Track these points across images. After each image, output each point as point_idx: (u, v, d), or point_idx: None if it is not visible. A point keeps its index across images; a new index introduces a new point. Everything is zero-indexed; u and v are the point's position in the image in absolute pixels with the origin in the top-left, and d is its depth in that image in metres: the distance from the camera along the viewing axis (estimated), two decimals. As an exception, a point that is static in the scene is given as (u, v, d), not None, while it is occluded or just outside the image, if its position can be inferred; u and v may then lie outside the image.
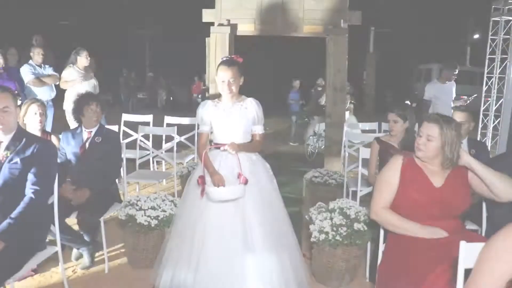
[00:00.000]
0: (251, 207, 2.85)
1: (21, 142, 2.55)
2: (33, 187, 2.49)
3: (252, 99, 3.03)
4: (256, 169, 2.95)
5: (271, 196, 2.98)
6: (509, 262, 1.39)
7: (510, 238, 1.42)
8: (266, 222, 2.86)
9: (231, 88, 2.91)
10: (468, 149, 3.49)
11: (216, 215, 2.85)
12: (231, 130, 2.95)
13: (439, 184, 2.37)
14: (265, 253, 2.80)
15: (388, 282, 2.33)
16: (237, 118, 2.95)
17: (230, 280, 2.76)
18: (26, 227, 2.44)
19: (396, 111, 3.45)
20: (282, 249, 2.88)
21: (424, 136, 2.39)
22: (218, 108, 3.00)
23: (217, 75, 2.96)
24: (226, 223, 2.83)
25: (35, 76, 6.10)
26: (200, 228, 2.86)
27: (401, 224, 2.37)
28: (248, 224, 2.82)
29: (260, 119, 3.02)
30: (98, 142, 3.58)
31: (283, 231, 2.96)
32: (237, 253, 2.78)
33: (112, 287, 3.22)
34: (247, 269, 2.78)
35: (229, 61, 2.96)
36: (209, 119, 3.03)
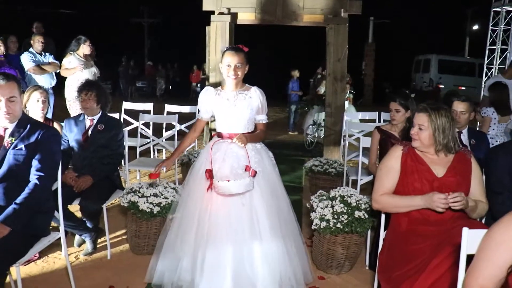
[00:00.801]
0: (258, 197, 2.85)
1: (26, 128, 2.56)
2: (38, 173, 2.50)
3: (256, 88, 3.01)
4: (261, 158, 2.95)
5: (275, 185, 2.99)
6: (509, 251, 1.43)
7: (510, 228, 1.45)
8: (273, 212, 2.87)
9: (237, 72, 2.89)
10: (468, 138, 3.51)
11: (222, 205, 2.84)
12: (235, 120, 2.93)
13: (441, 173, 2.39)
14: (272, 242, 2.81)
15: (389, 269, 2.36)
16: (241, 108, 2.93)
17: (238, 270, 2.76)
18: (30, 213, 2.46)
19: (398, 100, 3.45)
20: (288, 238, 2.90)
21: (416, 126, 2.43)
22: (222, 97, 2.97)
23: (222, 62, 2.93)
24: (232, 213, 2.82)
25: (35, 64, 6.09)
26: (205, 218, 2.85)
27: (402, 201, 2.38)
28: (255, 213, 2.83)
29: (264, 109, 3.02)
30: (101, 130, 3.60)
31: (287, 220, 2.98)
32: (244, 243, 2.79)
33: (114, 273, 3.24)
34: (255, 258, 2.79)
35: (236, 47, 2.95)
36: (211, 107, 3.01)
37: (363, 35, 18.93)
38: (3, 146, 2.52)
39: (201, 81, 17.88)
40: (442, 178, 2.37)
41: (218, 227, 2.81)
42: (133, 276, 3.18)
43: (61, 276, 3.15)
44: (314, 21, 6.95)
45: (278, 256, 2.83)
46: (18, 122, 2.57)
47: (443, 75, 17.68)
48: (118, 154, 3.67)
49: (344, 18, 6.68)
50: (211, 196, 2.86)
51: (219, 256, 2.77)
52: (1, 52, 5.86)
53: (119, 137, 3.67)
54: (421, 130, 2.40)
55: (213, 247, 2.78)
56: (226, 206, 2.84)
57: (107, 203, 3.49)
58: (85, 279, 3.11)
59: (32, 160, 2.53)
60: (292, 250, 2.91)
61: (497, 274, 1.44)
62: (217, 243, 2.78)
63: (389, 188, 2.47)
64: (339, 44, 6.74)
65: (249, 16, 7.01)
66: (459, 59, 19.14)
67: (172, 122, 5.15)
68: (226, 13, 6.89)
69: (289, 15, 6.92)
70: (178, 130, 5.17)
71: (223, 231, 2.80)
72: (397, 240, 2.41)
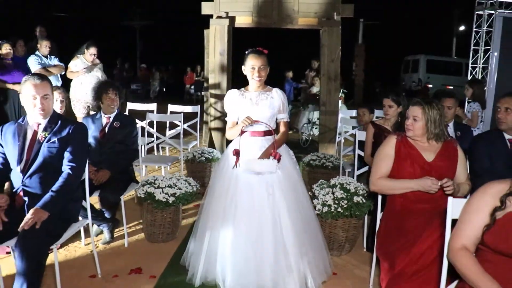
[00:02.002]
0: (279, 192, 3.00)
1: (57, 124, 2.84)
2: (70, 163, 2.78)
3: (277, 89, 3.19)
4: (282, 157, 3.08)
5: (296, 182, 3.15)
6: (486, 213, 1.75)
7: (485, 194, 1.77)
8: (293, 207, 3.03)
9: (261, 74, 3.06)
10: (454, 131, 3.85)
11: (247, 193, 3.01)
12: (259, 119, 3.07)
13: (431, 158, 2.71)
14: (293, 236, 2.96)
15: (386, 245, 2.66)
16: (263, 107, 3.09)
17: (260, 260, 2.92)
18: (64, 200, 2.74)
19: (391, 97, 3.78)
20: (308, 232, 3.08)
21: (411, 117, 2.74)
22: (245, 97, 3.13)
23: (245, 64, 3.10)
24: (256, 202, 2.99)
25: (41, 66, 6.33)
26: (232, 205, 3.01)
27: (397, 184, 2.69)
28: (277, 207, 2.98)
29: (285, 108, 3.20)
30: (117, 127, 3.87)
31: (308, 215, 3.14)
32: (267, 236, 2.94)
33: (131, 259, 3.49)
34: (277, 250, 2.94)
35: (258, 50, 3.10)
36: (236, 108, 3.17)
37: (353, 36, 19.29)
38: (37, 140, 2.80)
39: (195, 83, 18.16)
40: (432, 162, 2.69)
41: (243, 218, 2.98)
42: (150, 261, 3.44)
43: (84, 262, 3.42)
44: (309, 24, 7.28)
45: (299, 250, 2.97)
46: (50, 118, 2.84)
47: (432, 74, 18.14)
48: (133, 149, 3.95)
49: (337, 21, 7.01)
50: (237, 185, 3.03)
51: (243, 245, 2.94)
52: (10, 55, 6.12)
53: (134, 133, 3.96)
54: (415, 121, 2.72)
55: (237, 236, 2.96)
56: (251, 197, 3.00)
57: (124, 194, 3.76)
58: (106, 264, 3.36)
59: (64, 152, 2.80)
60: (312, 245, 3.08)
61: (475, 234, 1.76)
62: (241, 233, 2.96)
63: (385, 172, 2.78)
64: (332, 45, 7.07)
65: (247, 20, 7.31)
66: (446, 59, 19.62)
67: (176, 121, 5.42)
68: (224, 17, 7.18)
69: (285, 18, 7.24)
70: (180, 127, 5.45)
71: (247, 222, 2.97)
72: (392, 218, 2.72)
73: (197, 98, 17.43)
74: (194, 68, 18.47)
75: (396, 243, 2.55)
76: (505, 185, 1.75)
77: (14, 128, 2.83)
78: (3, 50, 6.04)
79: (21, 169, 2.75)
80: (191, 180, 3.87)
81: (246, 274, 2.93)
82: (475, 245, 1.79)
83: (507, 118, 3.04)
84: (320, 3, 7.10)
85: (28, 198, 2.72)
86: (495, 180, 1.80)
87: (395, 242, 2.56)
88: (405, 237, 2.50)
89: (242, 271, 2.94)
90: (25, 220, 2.49)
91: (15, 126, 2.84)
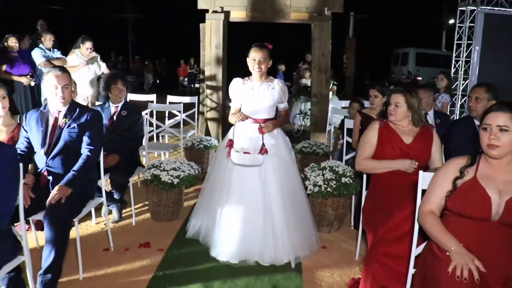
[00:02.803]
0: (270, 172, 3.33)
1: (76, 111, 3.15)
2: (88, 146, 3.10)
3: (278, 80, 3.49)
4: (277, 142, 3.43)
5: (288, 165, 3.47)
6: (449, 182, 2.11)
7: (449, 167, 2.14)
8: (284, 188, 3.34)
9: (260, 66, 3.35)
10: (434, 119, 4.22)
11: (240, 176, 3.35)
12: (259, 107, 3.38)
13: (409, 141, 3.07)
14: (281, 214, 3.29)
15: (370, 218, 3.03)
16: (264, 96, 3.38)
17: (249, 236, 3.27)
18: (84, 179, 3.07)
19: (376, 88, 4.14)
20: (298, 212, 3.40)
21: (393, 104, 3.09)
22: (247, 86, 3.42)
23: (248, 56, 3.39)
24: (248, 184, 3.33)
25: (45, 59, 6.60)
26: (226, 186, 3.39)
27: (379, 164, 3.05)
28: (268, 188, 3.31)
29: (285, 97, 3.49)
30: (124, 115, 4.19)
31: (299, 197, 3.47)
32: (257, 210, 3.28)
33: (139, 235, 3.83)
34: (265, 226, 3.27)
35: (261, 44, 3.39)
36: (238, 95, 3.47)
37: (344, 30, 19.61)
38: (58, 126, 3.11)
39: (188, 75, 18.43)
40: (410, 145, 3.05)
41: (236, 196, 3.34)
42: (157, 237, 3.78)
43: (96, 238, 3.74)
44: (300, 18, 7.62)
45: (287, 227, 3.29)
46: (69, 106, 3.16)
47: (421, 67, 18.51)
48: (139, 136, 4.28)
49: (328, 16, 7.36)
50: (232, 167, 3.37)
51: (235, 220, 3.30)
52: (16, 48, 6.38)
53: (140, 121, 4.28)
54: (397, 107, 3.07)
55: (230, 211, 3.33)
56: (244, 179, 3.34)
57: (132, 177, 4.09)
58: (117, 240, 3.69)
59: (83, 136, 3.12)
60: (300, 223, 3.40)
61: (440, 200, 2.13)
62: (234, 209, 3.32)
63: (368, 154, 3.13)
64: (323, 39, 7.42)
65: (241, 14, 7.64)
66: (435, 52, 19.97)
67: (175, 111, 5.74)
68: (219, 12, 7.49)
69: (278, 13, 7.58)
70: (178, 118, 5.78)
71: (239, 200, 3.32)
72: (375, 194, 3.09)
73: (191, 90, 17.71)
74: (188, 60, 18.73)
75: (378, 215, 2.91)
76: (464, 159, 2.12)
77: (37, 115, 3.15)
78: (10, 43, 6.30)
79: (44, 152, 3.07)
80: (193, 164, 4.21)
81: (236, 245, 3.27)
82: (440, 209, 2.15)
83: (476, 106, 3.42)
84: (312, -1, 7.43)
85: (52, 177, 3.04)
86: (456, 156, 2.17)
87: (377, 215, 2.93)
88: (386, 209, 2.86)
89: (233, 242, 3.29)
90: (51, 195, 2.82)
91: (38, 114, 3.15)
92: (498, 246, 1.96)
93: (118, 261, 3.34)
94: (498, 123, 1.97)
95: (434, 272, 1.97)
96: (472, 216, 2.00)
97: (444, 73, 5.85)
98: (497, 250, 1.95)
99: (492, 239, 1.97)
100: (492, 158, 2.04)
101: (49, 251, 2.73)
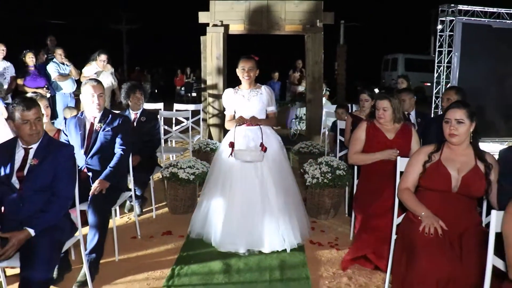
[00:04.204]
0: (266, 169, 3.77)
1: (109, 117, 3.70)
2: (121, 146, 3.65)
3: (265, 87, 3.97)
4: (270, 141, 3.86)
5: (281, 162, 3.92)
6: (420, 165, 2.69)
7: (420, 153, 2.73)
8: (278, 181, 3.78)
9: (249, 74, 3.82)
10: (416, 118, 4.81)
11: (240, 173, 3.76)
12: (251, 112, 3.84)
13: (392, 137, 3.64)
14: (277, 204, 3.72)
15: (361, 200, 3.60)
16: (255, 102, 3.85)
17: (249, 224, 3.70)
18: (119, 174, 3.62)
19: (367, 92, 4.72)
20: (291, 203, 3.84)
21: (381, 109, 3.65)
22: (239, 94, 3.89)
23: (238, 67, 3.88)
24: (247, 180, 3.75)
25: (58, 73, 7.16)
26: (227, 183, 3.81)
27: (367, 157, 3.60)
28: (264, 182, 3.75)
29: (272, 102, 3.97)
30: (143, 121, 4.75)
31: (291, 189, 3.92)
32: (257, 202, 3.71)
33: (160, 226, 4.36)
34: (264, 216, 3.70)
35: (248, 56, 3.88)
36: (232, 103, 3.93)
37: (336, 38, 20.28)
38: (94, 130, 3.66)
39: (185, 84, 19.00)
40: (392, 140, 3.62)
41: (236, 191, 3.75)
42: (176, 227, 4.32)
43: (124, 229, 4.27)
44: (294, 30, 8.25)
45: (283, 215, 3.73)
46: (103, 112, 3.71)
47: (410, 72, 19.08)
48: (157, 139, 4.84)
49: (320, 27, 7.99)
50: (232, 165, 3.80)
51: (236, 211, 3.71)
52: (33, 63, 6.93)
53: (157, 126, 4.84)
54: (385, 111, 3.62)
55: (231, 206, 3.73)
56: (242, 175, 3.78)
57: (152, 175, 4.64)
58: (142, 229, 4.22)
59: (116, 138, 3.67)
60: (293, 212, 3.82)
61: (414, 179, 2.71)
62: (235, 204, 3.73)
63: (358, 149, 3.71)
64: (316, 49, 8.04)
65: (239, 27, 8.26)
66: (424, 58, 20.64)
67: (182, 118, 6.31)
68: (219, 25, 8.09)
69: (273, 25, 8.20)
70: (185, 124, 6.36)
71: (239, 195, 3.74)
72: (365, 180, 3.67)
73: (187, 99, 18.27)
74: (184, 70, 19.31)
75: (368, 197, 3.49)
76: (431, 147, 2.71)
77: (75, 121, 3.70)
78: (27, 58, 6.85)
79: (84, 152, 3.61)
80: (205, 162, 4.77)
81: (238, 234, 3.68)
82: (414, 186, 2.73)
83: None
84: (304, 12, 8.06)
85: (91, 173, 3.59)
86: (425, 145, 2.75)
87: (367, 196, 3.51)
88: (373, 191, 3.45)
89: (234, 232, 3.69)
90: (93, 188, 3.36)
91: (76, 120, 3.70)
92: (457, 211, 2.55)
93: (146, 246, 3.89)
94: (456, 117, 2.56)
95: (410, 233, 2.56)
96: (437, 189, 2.59)
97: (404, 76, 6.47)
98: (456, 214, 2.54)
99: (453, 206, 2.56)
100: (452, 145, 2.63)
101: (93, 234, 3.27)
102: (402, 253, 2.61)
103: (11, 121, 2.72)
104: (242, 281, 3.27)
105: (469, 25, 7.59)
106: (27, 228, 2.54)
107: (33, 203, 2.68)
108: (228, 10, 8.16)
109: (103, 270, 3.38)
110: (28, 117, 2.67)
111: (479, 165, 2.60)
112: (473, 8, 7.67)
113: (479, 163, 2.60)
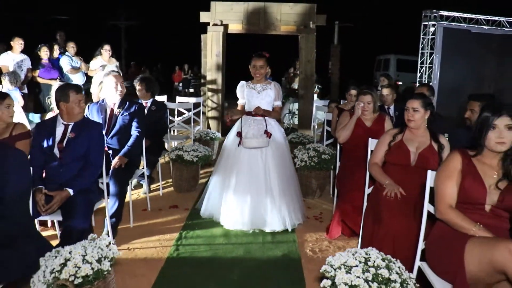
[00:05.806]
0: (270, 157, 4.16)
1: (126, 103, 4.30)
2: (137, 129, 4.25)
3: (275, 83, 4.33)
4: (274, 130, 4.23)
5: (284, 151, 4.29)
6: (386, 144, 3.31)
7: (387, 135, 3.35)
8: (280, 168, 4.17)
9: (260, 71, 4.20)
10: (394, 111, 5.44)
11: (248, 159, 4.15)
12: (259, 104, 4.20)
13: (369, 124, 4.26)
14: (279, 188, 4.12)
15: (341, 178, 4.23)
16: (264, 96, 4.24)
17: (253, 205, 4.07)
18: (135, 152, 4.21)
19: (356, 89, 5.32)
20: (291, 188, 4.24)
21: (365, 103, 4.25)
22: (251, 88, 4.28)
23: (250, 64, 4.25)
24: (253, 167, 4.14)
25: (71, 67, 7.73)
26: (235, 169, 4.18)
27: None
28: (268, 168, 4.15)
29: (279, 97, 4.33)
30: (153, 110, 5.34)
31: (291, 175, 4.33)
32: (261, 186, 4.09)
33: (166, 202, 4.95)
34: (266, 198, 4.09)
35: (260, 53, 4.24)
36: (244, 95, 4.32)
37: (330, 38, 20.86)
38: (114, 114, 4.26)
39: (183, 80, 19.54)
40: (370, 127, 4.25)
41: (242, 175, 4.13)
42: (182, 201, 4.93)
43: (135, 203, 4.84)
44: (289, 30, 8.86)
45: (284, 197, 4.12)
46: (122, 100, 4.31)
47: (401, 73, 19.77)
48: (165, 127, 5.44)
49: (313, 28, 8.61)
50: (240, 153, 4.19)
51: (242, 193, 4.11)
52: (47, 56, 7.49)
53: (165, 115, 5.45)
54: (369, 104, 4.23)
55: (237, 188, 4.12)
56: (249, 162, 4.15)
57: (160, 157, 5.24)
58: (152, 204, 4.82)
59: (132, 122, 4.27)
60: (292, 196, 4.23)
61: (381, 156, 3.34)
62: (241, 186, 4.11)
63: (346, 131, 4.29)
64: (308, 49, 8.66)
65: (238, 27, 8.86)
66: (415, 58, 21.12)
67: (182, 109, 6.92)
68: (219, 25, 8.69)
69: (269, 26, 8.81)
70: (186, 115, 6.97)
71: (245, 178, 4.11)
72: (345, 162, 4.30)
73: (185, 94, 18.80)
74: (182, 66, 19.85)
75: (347, 175, 4.11)
76: (396, 130, 3.34)
77: (97, 107, 4.29)
78: (42, 52, 7.41)
79: (105, 133, 4.20)
80: (207, 147, 5.38)
81: (247, 215, 4.07)
82: (382, 161, 3.36)
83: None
84: (298, 14, 8.68)
85: (111, 151, 4.18)
86: (392, 128, 3.38)
87: (346, 175, 4.13)
88: (351, 171, 4.07)
89: (240, 212, 4.09)
90: (113, 163, 3.96)
91: (98, 105, 4.30)
92: (413, 180, 3.16)
93: (156, 216, 4.50)
94: (413, 106, 3.19)
95: (376, 198, 3.18)
96: (399, 163, 3.22)
97: (386, 75, 7.10)
98: (412, 183, 3.16)
99: (411, 177, 3.18)
100: (412, 128, 3.26)
101: (114, 201, 3.87)
102: (370, 215, 3.24)
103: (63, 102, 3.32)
104: (239, 242, 3.89)
105: (450, 30, 8.27)
106: (67, 188, 3.15)
107: (71, 169, 3.29)
108: (228, 10, 8.76)
109: (120, 234, 3.98)
110: (79, 98, 3.33)
111: (433, 144, 3.22)
112: (454, 14, 8.34)
113: (433, 143, 3.23)
